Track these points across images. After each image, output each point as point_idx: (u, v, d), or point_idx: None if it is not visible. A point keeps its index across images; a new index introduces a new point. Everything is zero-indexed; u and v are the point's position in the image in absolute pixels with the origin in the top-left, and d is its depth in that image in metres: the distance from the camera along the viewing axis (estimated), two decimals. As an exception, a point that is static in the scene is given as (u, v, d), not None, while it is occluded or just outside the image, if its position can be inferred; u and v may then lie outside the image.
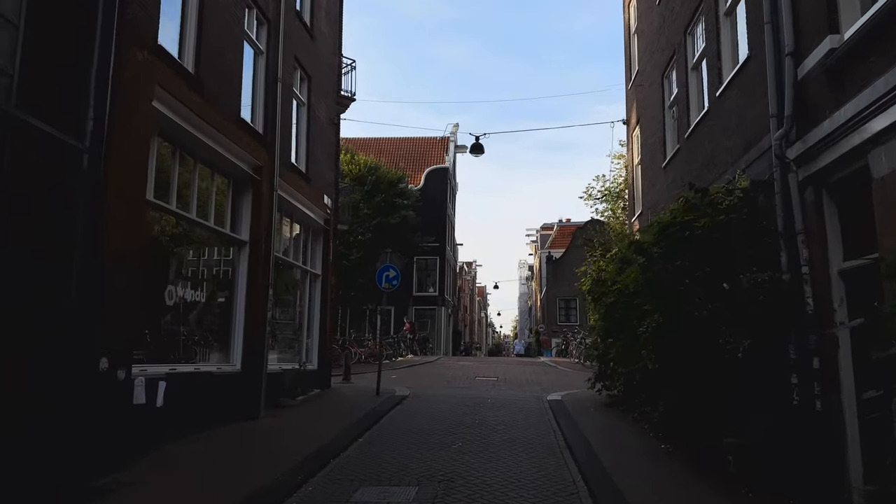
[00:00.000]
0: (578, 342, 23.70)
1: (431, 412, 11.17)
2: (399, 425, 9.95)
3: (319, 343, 13.57)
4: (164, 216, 8.22)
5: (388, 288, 13.35)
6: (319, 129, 13.56)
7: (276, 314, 12.27)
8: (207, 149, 8.83)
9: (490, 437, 9.12)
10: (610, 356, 11.73)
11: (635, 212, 14.88)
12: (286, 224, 12.34)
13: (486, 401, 12.72)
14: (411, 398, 12.97)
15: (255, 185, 10.30)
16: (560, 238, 47.76)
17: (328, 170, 14.04)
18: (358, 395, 13.00)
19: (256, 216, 10.27)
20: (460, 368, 20.84)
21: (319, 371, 13.48)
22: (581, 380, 17.82)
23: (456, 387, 15.30)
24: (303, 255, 13.32)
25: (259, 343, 10.19)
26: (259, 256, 10.29)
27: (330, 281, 13.96)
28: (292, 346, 13.18)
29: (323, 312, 13.70)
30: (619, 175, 22.73)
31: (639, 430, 9.38)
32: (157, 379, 7.57)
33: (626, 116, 15.89)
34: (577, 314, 41.74)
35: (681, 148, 10.60)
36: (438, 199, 41.14)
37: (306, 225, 13.29)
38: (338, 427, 9.42)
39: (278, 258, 11.76)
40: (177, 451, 7.37)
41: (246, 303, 10.04)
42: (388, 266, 13.28)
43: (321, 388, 13.08)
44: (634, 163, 15.20)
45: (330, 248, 13.99)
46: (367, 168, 32.70)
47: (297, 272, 13.27)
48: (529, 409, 11.85)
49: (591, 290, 13.47)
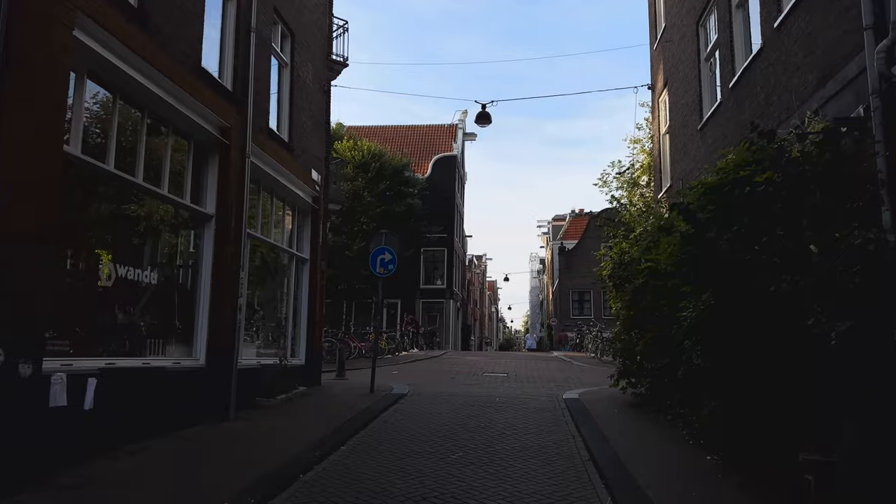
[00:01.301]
0: (594, 335, 22.14)
1: (430, 414, 9.70)
2: (391, 430, 8.48)
3: (307, 335, 12.12)
4: (97, 178, 6.76)
5: (384, 273, 11.86)
6: (306, 95, 12.08)
7: (255, 302, 10.84)
8: (157, 101, 7.38)
9: (497, 444, 7.62)
10: (636, 349, 10.18)
11: (662, 187, 13.29)
12: (266, 200, 10.87)
13: (494, 400, 11.23)
14: (410, 397, 11.50)
15: (223, 151, 8.84)
16: (573, 228, 46.10)
17: (317, 142, 12.56)
18: (349, 394, 11.54)
19: (224, 186, 8.81)
20: (467, 364, 19.35)
21: (307, 366, 12.03)
22: (598, 376, 16.32)
23: (461, 384, 13.82)
24: (288, 237, 11.85)
25: (228, 334, 8.74)
26: (228, 234, 8.82)
27: (320, 266, 12.50)
28: (276, 339, 11.73)
29: (311, 301, 12.24)
30: (636, 160, 21.10)
31: (675, 436, 7.84)
32: (85, 375, 6.14)
33: (652, 80, 14.28)
34: (591, 307, 40.16)
35: (722, 102, 9.03)
36: (446, 188, 39.61)
37: (291, 203, 11.83)
38: (318, 432, 7.96)
39: (255, 238, 10.30)
40: (105, 466, 5.92)
41: (212, 287, 8.58)
42: (383, 248, 11.78)
43: (308, 386, 11.63)
44: (661, 132, 13.61)
45: (320, 229, 12.52)
46: (370, 154, 31.26)
47: (282, 256, 11.81)
48: (543, 409, 10.35)
49: (612, 275, 11.93)
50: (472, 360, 20.85)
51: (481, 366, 18.38)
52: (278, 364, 10.23)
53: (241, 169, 9.08)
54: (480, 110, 14.49)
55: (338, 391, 11.95)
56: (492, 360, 21.45)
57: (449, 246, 39.54)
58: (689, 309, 6.54)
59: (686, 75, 10.88)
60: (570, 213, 48.09)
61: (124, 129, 7.17)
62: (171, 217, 8.23)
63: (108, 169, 6.73)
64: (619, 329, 11.70)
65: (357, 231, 29.90)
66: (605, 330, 21.37)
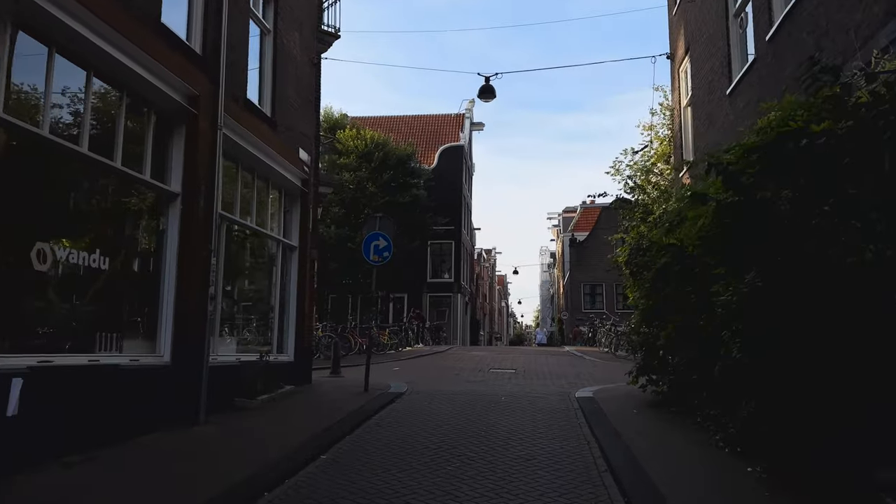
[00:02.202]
0: (608, 329, 21.05)
1: (428, 415, 8.69)
2: (381, 435, 7.48)
3: (296, 329, 11.13)
4: (29, 145, 5.78)
5: (379, 261, 10.84)
6: (292, 67, 11.07)
7: (235, 292, 9.87)
8: (105, 57, 6.39)
9: (500, 452, 6.61)
10: (658, 343, 9.12)
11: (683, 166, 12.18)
12: (246, 181, 9.89)
13: (500, 399, 10.20)
14: (408, 396, 10.50)
15: (190, 121, 7.85)
16: (584, 220, 44.89)
17: (305, 119, 11.55)
18: (341, 393, 10.55)
19: (191, 161, 7.82)
20: (473, 359, 18.32)
21: (296, 363, 11.05)
22: (613, 372, 15.25)
23: (465, 381, 12.80)
24: (273, 222, 10.87)
25: (197, 327, 7.77)
26: (196, 214, 7.84)
27: (310, 254, 11.51)
28: (261, 334, 10.76)
29: (301, 292, 11.25)
30: (650, 147, 19.88)
31: (704, 441, 6.79)
32: (8, 375, 5.18)
33: (671, 49, 13.15)
34: (603, 300, 38.99)
35: (758, 59, 7.94)
36: (453, 179, 38.57)
37: (277, 185, 10.83)
38: (297, 438, 6.98)
39: (233, 221, 9.33)
40: (24, 483, 4.96)
41: (178, 274, 7.61)
42: (377, 234, 10.76)
43: (297, 384, 10.65)
44: (682, 104, 12.50)
45: (310, 214, 11.53)
46: (374, 144, 30.26)
47: (267, 243, 10.83)
48: (554, 410, 9.31)
49: (628, 262, 10.86)
50: (478, 356, 19.83)
51: (488, 361, 17.35)
52: (260, 361, 9.25)
53: (211, 142, 8.10)
54: (484, 83, 13.42)
55: (329, 390, 10.97)
56: (499, 355, 20.42)
57: (456, 238, 38.53)
58: (727, 293, 5.48)
59: (711, 36, 9.76)
60: (581, 203, 46.87)
61: (66, 91, 6.20)
62: (128, 194, 7.26)
63: (42, 134, 5.76)
64: (637, 321, 10.64)
65: (361, 223, 28.88)
66: (620, 323, 20.30)
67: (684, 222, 6.69)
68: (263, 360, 9.30)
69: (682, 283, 8.28)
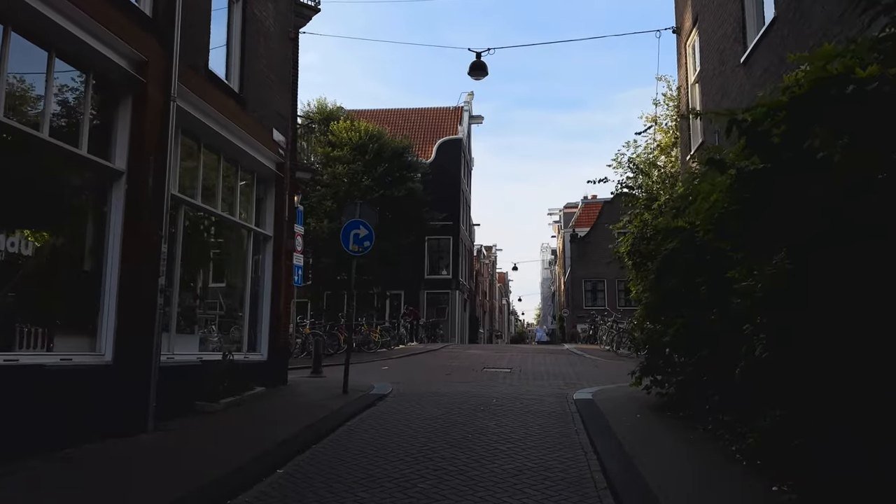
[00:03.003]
0: (609, 326, 20.14)
1: (409, 420, 7.82)
2: (352, 445, 6.60)
3: (270, 326, 10.25)
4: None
5: (359, 251, 9.94)
6: (265, 39, 10.17)
7: (198, 285, 9.00)
8: (27, 11, 5.51)
9: (485, 465, 5.73)
10: (664, 340, 8.24)
11: (691, 146, 11.28)
12: (211, 162, 9.01)
13: (491, 401, 9.33)
14: (391, 398, 9.63)
15: (138, 90, 6.96)
16: (585, 216, 43.96)
17: (280, 98, 10.65)
18: (317, 395, 9.67)
19: (139, 135, 6.94)
20: (468, 358, 17.44)
21: (270, 362, 10.18)
22: (614, 371, 14.36)
23: (456, 381, 11.92)
24: (244, 209, 9.98)
25: (145, 322, 6.89)
26: (144, 194, 6.96)
27: (286, 245, 10.63)
28: (230, 331, 9.89)
29: (276, 285, 10.36)
30: (652, 141, 18.94)
31: (718, 451, 5.91)
32: None
33: (677, 23, 12.23)
34: (604, 296, 38.05)
35: (778, 18, 7.04)
36: (451, 173, 37.62)
37: (248, 168, 9.94)
38: (254, 449, 6.10)
39: (194, 205, 8.46)
40: None
41: (122, 262, 6.73)
42: (357, 222, 9.86)
43: (271, 385, 9.77)
44: (690, 81, 11.59)
45: (286, 201, 10.64)
46: (368, 136, 29.33)
47: (237, 231, 9.95)
48: (549, 413, 8.43)
49: (631, 252, 9.98)
50: (473, 354, 18.95)
51: (483, 360, 16.47)
52: (224, 360, 8.37)
53: (163, 114, 7.20)
54: (475, 59, 12.44)
55: (305, 392, 10.09)
56: (496, 353, 19.53)
57: (454, 234, 37.61)
58: (748, 280, 4.60)
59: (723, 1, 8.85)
60: (583, 199, 45.94)
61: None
62: (61, 171, 6.38)
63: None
64: (640, 316, 9.75)
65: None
66: (622, 320, 19.40)
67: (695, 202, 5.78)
68: (228, 359, 8.43)
69: (691, 273, 7.39)
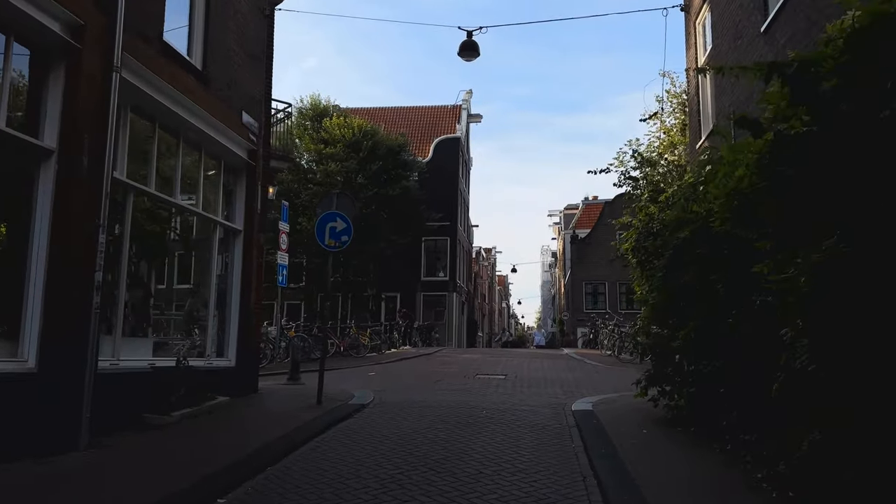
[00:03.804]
0: (611, 330, 19.21)
1: (385, 436, 6.90)
2: (313, 467, 5.69)
3: (239, 329, 9.33)
4: None
5: (335, 246, 9.02)
6: (234, 13, 9.26)
7: (152, 282, 8.09)
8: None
9: (464, 495, 4.82)
10: (673, 346, 7.32)
11: (701, 133, 10.35)
12: (168, 146, 8.11)
13: (480, 412, 8.42)
14: (370, 409, 8.72)
15: (73, 58, 6.07)
16: (586, 217, 43.04)
17: (251, 79, 9.74)
18: (288, 406, 8.76)
19: (72, 108, 6.04)
20: (461, 363, 16.50)
21: (239, 369, 9.26)
22: (615, 378, 13.45)
23: (444, 389, 11.00)
24: (209, 199, 9.07)
25: (78, 324, 5.98)
26: (79, 177, 6.06)
27: (257, 240, 9.71)
28: (194, 334, 8.99)
29: (245, 284, 9.45)
30: (655, 139, 17.99)
31: (740, 478, 4.99)
32: None
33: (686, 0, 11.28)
34: (605, 299, 37.09)
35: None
36: (449, 173, 36.74)
37: (214, 155, 9.04)
38: (196, 473, 5.19)
39: (146, 193, 7.56)
40: None
41: (50, 254, 5.82)
42: (333, 214, 8.94)
43: (238, 395, 8.86)
44: (700, 62, 10.67)
45: (258, 192, 9.73)
46: (362, 133, 28.43)
47: (200, 224, 9.05)
48: (544, 427, 7.52)
49: (636, 248, 9.09)
50: (467, 359, 18.01)
51: (477, 365, 15.53)
52: (179, 367, 7.46)
53: (103, 87, 6.30)
54: (466, 39, 11.46)
55: (275, 402, 9.16)
56: (492, 358, 18.60)
57: (452, 235, 36.71)
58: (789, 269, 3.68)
59: (739, -31, 7.98)
60: (583, 200, 45.02)
61: None
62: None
63: None
64: (646, 319, 8.83)
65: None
66: (624, 323, 18.47)
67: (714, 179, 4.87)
68: (183, 365, 7.51)
69: (705, 269, 6.49)
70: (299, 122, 29.53)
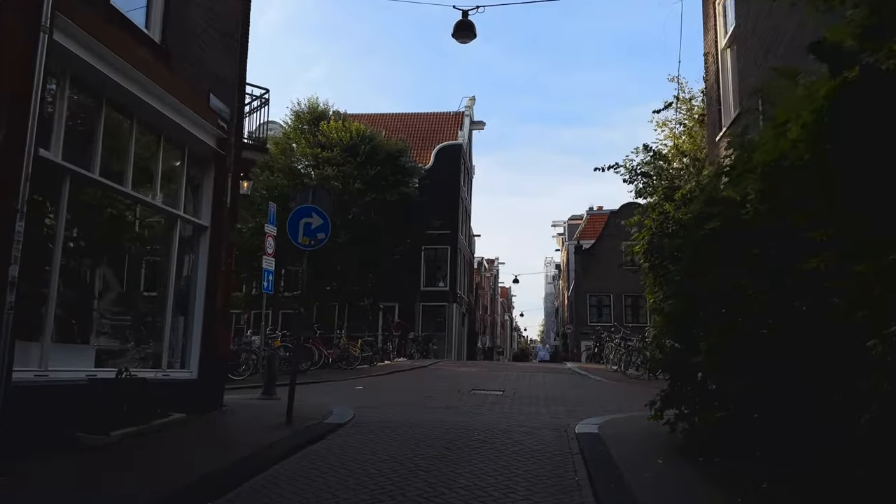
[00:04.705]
0: (617, 344, 18.14)
1: (357, 465, 5.88)
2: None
3: (204, 336, 8.33)
4: None
5: (310, 244, 8.02)
6: (203, -14, 8.35)
7: (98, 280, 7.13)
8: None
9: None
10: (694, 361, 6.29)
11: (721, 124, 9.35)
12: (120, 126, 7.17)
13: (472, 435, 7.40)
14: (346, 429, 7.70)
15: (-13, 12, 5.13)
16: (590, 227, 42.03)
17: (222, 59, 8.80)
18: (253, 425, 7.75)
19: (-16, 71, 5.09)
20: (457, 377, 15.43)
21: (201, 381, 8.25)
22: (622, 395, 12.40)
23: (434, 407, 9.95)
24: (169, 191, 8.10)
25: (-15, 327, 5.00)
26: (-9, 153, 5.11)
27: (226, 238, 8.73)
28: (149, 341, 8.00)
29: (212, 287, 8.46)
30: (663, 145, 16.94)
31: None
32: None
33: (703, -22, 10.37)
34: (610, 311, 35.94)
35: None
36: (450, 180, 35.81)
37: (176, 141, 8.08)
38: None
39: (90, 179, 6.59)
40: None
41: (-50, 244, 4.86)
42: (307, 209, 7.95)
43: (199, 409, 7.84)
44: (720, 46, 9.71)
45: (228, 185, 8.77)
46: (360, 137, 27.56)
47: (160, 218, 8.08)
48: (543, 455, 6.48)
49: (648, 251, 8.07)
50: (464, 373, 16.95)
51: (473, 380, 14.47)
52: (120, 379, 6.46)
53: (26, 49, 5.36)
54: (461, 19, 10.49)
55: (240, 420, 8.15)
56: (490, 371, 17.52)
57: (453, 244, 35.72)
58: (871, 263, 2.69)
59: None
60: (588, 210, 44.02)
61: None
62: None
63: None
64: (659, 329, 7.81)
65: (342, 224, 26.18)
66: (631, 337, 17.40)
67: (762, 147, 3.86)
68: (127, 377, 6.50)
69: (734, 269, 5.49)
70: (296, 125, 28.73)
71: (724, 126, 9.12)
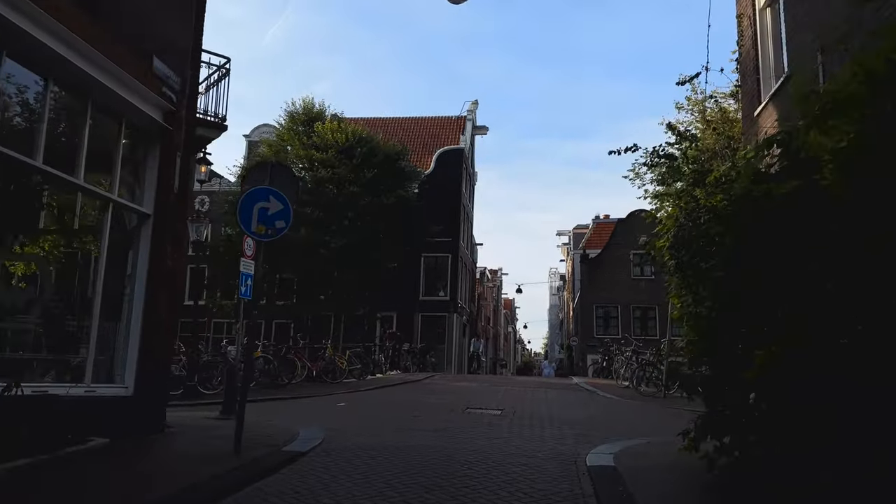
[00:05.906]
0: (628, 357, 16.69)
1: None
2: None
3: (142, 346, 6.97)
4: None
5: (267, 234, 6.65)
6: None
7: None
8: None
9: None
10: (739, 378, 4.90)
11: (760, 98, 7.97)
12: (30, 89, 5.86)
13: (459, 467, 6.02)
14: (309, 458, 6.33)
15: None
16: (596, 236, 40.58)
17: (170, 20, 7.50)
18: (192, 454, 6.37)
19: None
20: (451, 392, 13.99)
21: (137, 398, 6.88)
22: (639, 416, 11.00)
23: (421, 428, 8.55)
24: (100, 170, 6.77)
25: None
26: None
27: (172, 229, 7.39)
28: (68, 350, 6.64)
29: (153, 287, 7.10)
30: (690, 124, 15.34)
31: None
32: None
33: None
34: (617, 323, 34.39)
35: None
36: (452, 186, 34.50)
37: (111, 111, 6.76)
38: None
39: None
40: None
41: None
42: (264, 191, 6.57)
43: (131, 433, 6.47)
44: (758, 5, 8.34)
45: (176, 166, 7.44)
46: (356, 138, 26.30)
47: (86, 202, 6.75)
48: (545, 496, 5.09)
49: (674, 246, 6.70)
50: (460, 387, 15.51)
51: (469, 396, 13.05)
52: (8, 396, 5.09)
53: None
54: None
55: (179, 447, 6.75)
56: (489, 386, 16.07)
57: (454, 252, 34.34)
58: None
59: None
60: (594, 218, 42.61)
61: None
62: None
63: None
64: (690, 340, 6.43)
65: (337, 229, 24.87)
66: (644, 350, 15.96)
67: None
68: (12, 394, 5.14)
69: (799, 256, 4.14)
70: (290, 126, 27.51)
71: (763, 99, 7.76)
